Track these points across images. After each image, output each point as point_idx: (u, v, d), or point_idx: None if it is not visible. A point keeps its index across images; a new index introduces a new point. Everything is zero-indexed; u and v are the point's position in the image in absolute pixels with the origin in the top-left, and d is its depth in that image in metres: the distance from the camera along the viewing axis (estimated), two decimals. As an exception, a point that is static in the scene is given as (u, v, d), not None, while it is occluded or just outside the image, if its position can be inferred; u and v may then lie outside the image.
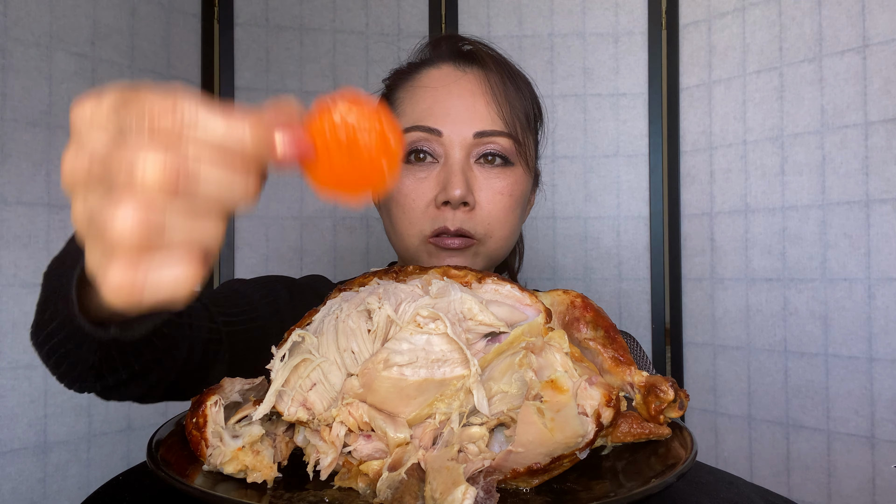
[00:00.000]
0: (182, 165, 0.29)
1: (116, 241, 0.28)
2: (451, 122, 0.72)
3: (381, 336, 0.48)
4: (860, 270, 1.26)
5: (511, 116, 0.74)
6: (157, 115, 0.30)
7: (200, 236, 0.30)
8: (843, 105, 1.28)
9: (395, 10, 1.56)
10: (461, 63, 0.77)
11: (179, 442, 0.50)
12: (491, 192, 0.72)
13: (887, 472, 1.22)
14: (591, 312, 0.54)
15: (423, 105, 0.74)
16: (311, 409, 0.48)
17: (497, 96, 0.73)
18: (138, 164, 0.28)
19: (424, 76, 0.76)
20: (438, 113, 0.72)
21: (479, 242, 0.73)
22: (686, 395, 0.50)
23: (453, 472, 0.42)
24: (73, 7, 1.25)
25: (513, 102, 0.74)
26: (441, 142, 0.72)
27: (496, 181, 0.73)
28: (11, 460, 1.17)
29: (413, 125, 0.73)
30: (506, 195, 0.73)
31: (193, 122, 0.30)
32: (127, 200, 0.28)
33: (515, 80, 0.77)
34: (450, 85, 0.74)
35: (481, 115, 0.72)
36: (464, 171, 0.71)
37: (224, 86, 1.46)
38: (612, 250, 1.55)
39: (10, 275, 1.17)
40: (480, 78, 0.75)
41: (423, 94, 0.74)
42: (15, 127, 1.17)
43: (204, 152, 0.30)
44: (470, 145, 0.72)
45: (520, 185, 0.75)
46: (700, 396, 1.48)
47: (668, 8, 1.53)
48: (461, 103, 0.73)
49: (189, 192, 0.29)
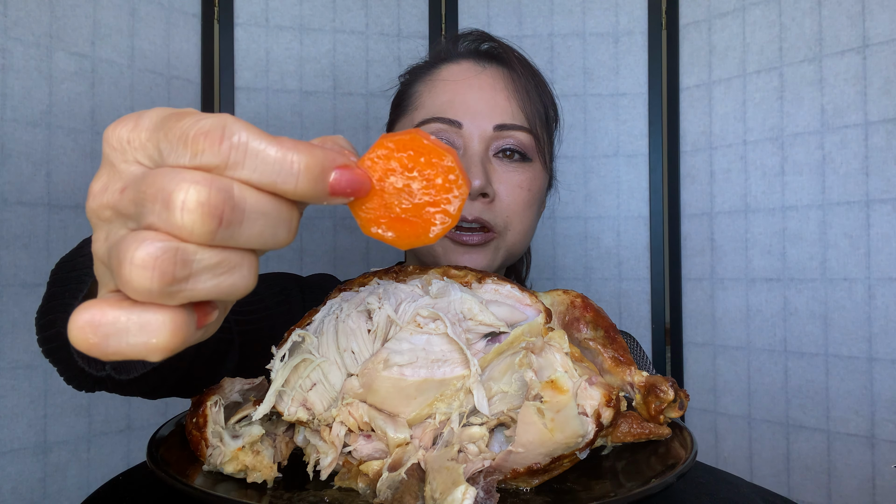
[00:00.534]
0: (227, 199, 0.25)
1: (134, 283, 0.25)
2: (472, 114, 0.71)
3: (381, 336, 0.48)
4: (860, 270, 1.26)
5: (532, 112, 0.73)
6: (201, 140, 0.25)
7: (228, 284, 0.26)
8: (843, 105, 1.28)
9: (395, 10, 1.56)
10: (482, 59, 0.76)
11: (179, 442, 0.50)
12: (510, 185, 0.72)
13: (887, 472, 1.22)
14: (591, 312, 0.54)
15: (444, 98, 0.73)
16: (311, 409, 0.48)
17: (518, 91, 0.73)
18: (177, 195, 0.24)
19: (444, 70, 0.76)
20: (459, 105, 0.72)
21: (499, 236, 0.73)
22: (686, 395, 0.50)
23: (453, 472, 0.42)
24: (73, 7, 1.25)
25: (533, 98, 0.74)
26: (461, 133, 0.72)
27: (515, 175, 0.73)
28: (11, 460, 1.17)
29: (433, 116, 0.73)
30: (524, 189, 0.73)
31: (242, 151, 0.26)
32: (157, 236, 0.25)
33: (536, 78, 0.77)
34: (470, 79, 0.74)
35: (502, 108, 0.72)
36: (483, 163, 0.71)
37: (224, 86, 1.46)
38: (612, 250, 1.55)
39: (10, 275, 1.17)
40: (501, 73, 0.75)
41: (444, 87, 0.74)
42: (15, 127, 1.17)
43: (252, 185, 0.26)
44: (490, 138, 0.72)
45: (537, 180, 0.75)
46: (700, 396, 1.48)
47: (668, 8, 1.53)
48: (481, 96, 0.72)
49: (231, 230, 0.26)
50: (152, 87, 1.36)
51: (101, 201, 0.27)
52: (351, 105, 1.52)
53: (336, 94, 1.52)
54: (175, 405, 1.39)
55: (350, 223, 1.53)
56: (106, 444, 1.29)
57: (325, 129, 1.52)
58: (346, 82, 1.53)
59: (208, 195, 0.24)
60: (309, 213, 1.51)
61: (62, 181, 1.22)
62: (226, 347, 0.64)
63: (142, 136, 0.27)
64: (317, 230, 1.52)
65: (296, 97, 1.50)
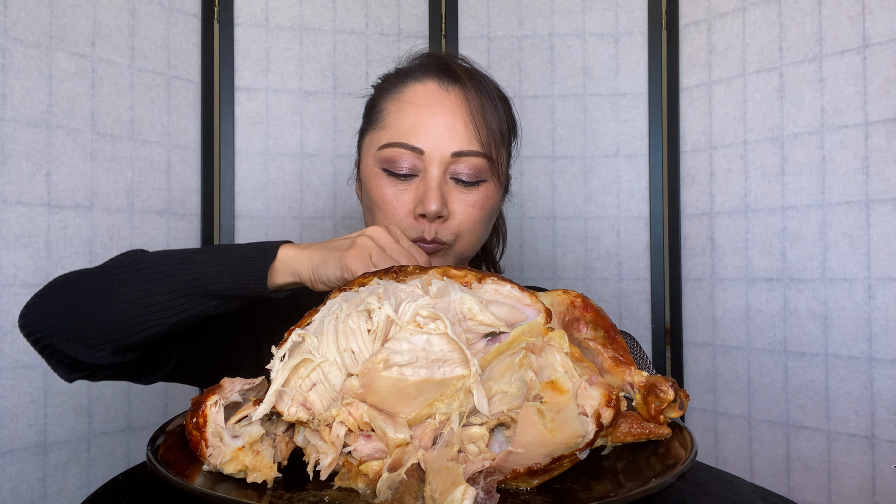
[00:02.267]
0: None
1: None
2: (433, 140, 0.79)
3: (381, 336, 0.48)
4: (860, 270, 1.26)
5: (487, 137, 0.81)
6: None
7: None
8: (843, 105, 1.28)
9: (395, 10, 1.56)
10: (445, 81, 0.83)
11: (179, 442, 0.50)
12: (464, 205, 0.80)
13: (887, 472, 1.22)
14: (591, 312, 0.54)
15: (408, 122, 0.80)
16: (311, 409, 0.48)
17: (475, 117, 0.80)
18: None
19: (410, 91, 0.83)
20: (421, 131, 0.79)
21: (449, 246, 0.81)
22: (686, 395, 0.50)
23: (453, 473, 0.42)
24: (73, 7, 1.25)
25: (489, 123, 0.81)
26: (422, 158, 0.79)
27: (469, 196, 0.81)
28: (11, 460, 1.17)
29: (397, 141, 0.80)
30: (477, 208, 0.81)
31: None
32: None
33: (493, 100, 0.83)
34: (433, 105, 0.81)
35: (460, 135, 0.79)
36: (440, 187, 0.79)
37: (224, 86, 1.46)
38: (612, 250, 1.55)
39: (10, 275, 1.17)
40: (462, 97, 0.81)
41: (409, 111, 0.81)
42: (15, 127, 1.17)
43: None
44: (447, 163, 0.79)
45: (490, 198, 0.83)
46: (700, 396, 1.48)
47: (668, 8, 1.53)
48: (443, 122, 0.79)
49: None
50: (152, 87, 1.36)
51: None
52: (351, 105, 1.52)
53: (336, 94, 1.52)
54: (175, 405, 1.39)
55: (350, 223, 1.53)
56: (106, 444, 1.29)
57: (325, 129, 1.52)
58: (346, 82, 1.53)
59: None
60: (308, 213, 1.51)
61: (62, 181, 1.22)
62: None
63: None
64: (316, 230, 1.52)
65: (296, 97, 1.50)
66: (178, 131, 1.41)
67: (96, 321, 0.66)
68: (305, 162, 1.51)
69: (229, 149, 1.47)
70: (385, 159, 0.80)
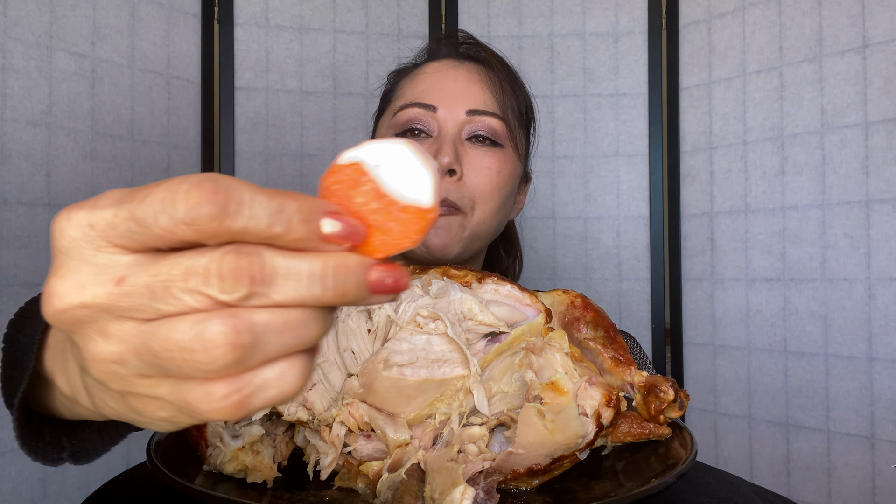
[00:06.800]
0: (249, 324, 0.23)
1: (203, 415, 0.23)
2: (447, 99, 0.76)
3: (381, 336, 0.48)
4: (860, 270, 1.26)
5: (504, 102, 0.77)
6: (187, 223, 0.22)
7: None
8: (843, 105, 1.28)
9: (395, 10, 1.56)
10: (461, 57, 0.82)
11: (179, 442, 0.50)
12: (479, 166, 0.75)
13: (887, 472, 1.22)
14: (591, 312, 0.54)
15: (422, 87, 0.78)
16: (311, 409, 0.48)
17: (493, 83, 0.78)
18: (196, 344, 0.22)
19: (426, 66, 0.82)
20: (435, 92, 0.77)
21: (465, 215, 0.74)
22: (686, 395, 0.50)
23: (453, 473, 0.42)
24: (73, 7, 1.25)
25: (507, 91, 0.78)
26: (436, 117, 0.76)
27: (484, 158, 0.76)
28: (11, 460, 1.17)
29: (410, 102, 0.77)
30: (493, 171, 0.76)
31: (236, 212, 0.23)
32: (213, 383, 0.23)
33: (512, 78, 0.81)
34: (447, 70, 0.79)
35: (475, 95, 0.77)
36: (454, 143, 0.74)
37: (224, 86, 1.46)
38: (612, 250, 1.55)
39: (10, 275, 1.17)
40: (478, 68, 0.80)
41: (423, 78, 0.79)
42: (15, 127, 1.17)
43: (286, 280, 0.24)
44: (462, 122, 0.76)
45: (508, 164, 0.77)
46: (700, 396, 1.48)
47: (668, 8, 1.53)
48: (457, 85, 0.77)
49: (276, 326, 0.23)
50: (152, 87, 1.36)
51: (105, 369, 0.24)
52: (351, 105, 1.52)
53: (336, 94, 1.52)
54: (175, 405, 1.39)
55: (350, 223, 1.53)
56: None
57: (325, 129, 1.52)
58: (346, 82, 1.53)
59: (230, 326, 0.22)
60: (309, 213, 1.51)
61: (62, 181, 1.22)
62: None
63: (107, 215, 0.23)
64: (317, 230, 1.52)
65: (296, 97, 1.50)
66: (178, 131, 1.41)
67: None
68: (305, 162, 1.51)
69: (229, 149, 1.47)
70: (398, 123, 0.76)
